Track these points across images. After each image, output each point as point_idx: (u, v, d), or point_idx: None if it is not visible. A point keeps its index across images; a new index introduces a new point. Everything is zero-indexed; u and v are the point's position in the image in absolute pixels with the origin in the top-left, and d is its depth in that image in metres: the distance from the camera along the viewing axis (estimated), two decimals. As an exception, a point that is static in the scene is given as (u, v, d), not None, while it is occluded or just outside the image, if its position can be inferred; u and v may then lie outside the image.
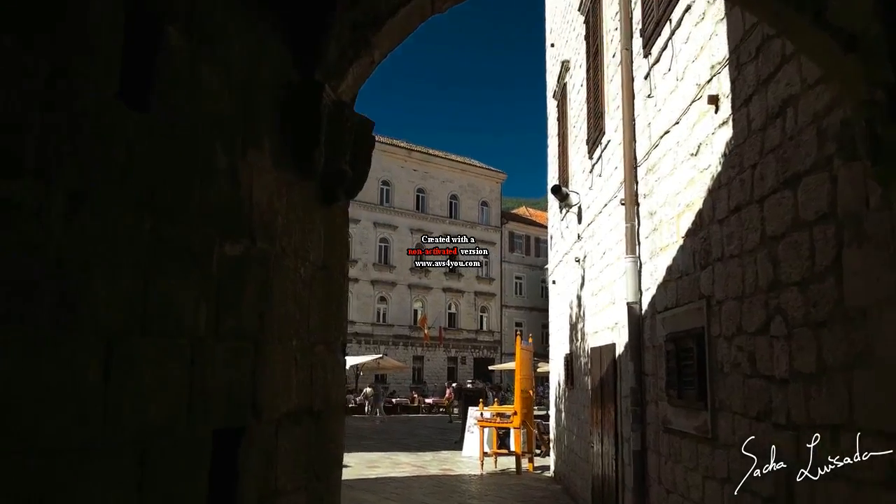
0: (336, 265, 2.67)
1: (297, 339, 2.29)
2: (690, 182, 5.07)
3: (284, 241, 2.24)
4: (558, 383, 12.19)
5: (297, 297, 2.32)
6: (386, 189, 46.47)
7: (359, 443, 18.66)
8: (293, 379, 2.26)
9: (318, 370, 2.43)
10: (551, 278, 13.44)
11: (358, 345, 42.90)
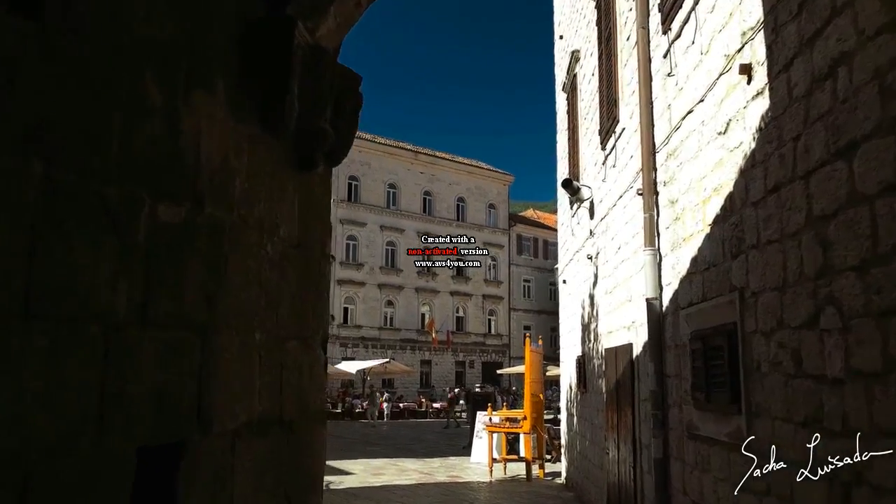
0: (314, 244, 2.23)
1: (261, 331, 1.86)
2: (718, 164, 4.61)
3: (245, 210, 1.81)
4: (570, 386, 11.71)
5: (263, 280, 1.89)
6: (392, 192, 46.11)
7: (364, 448, 18.21)
8: (256, 381, 1.82)
9: (290, 371, 1.99)
10: (561, 278, 12.97)
11: (365, 349, 42.52)
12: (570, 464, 11.93)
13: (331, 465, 14.54)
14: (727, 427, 4.32)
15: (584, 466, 10.36)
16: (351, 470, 13.76)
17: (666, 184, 5.89)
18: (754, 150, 4.00)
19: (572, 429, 11.60)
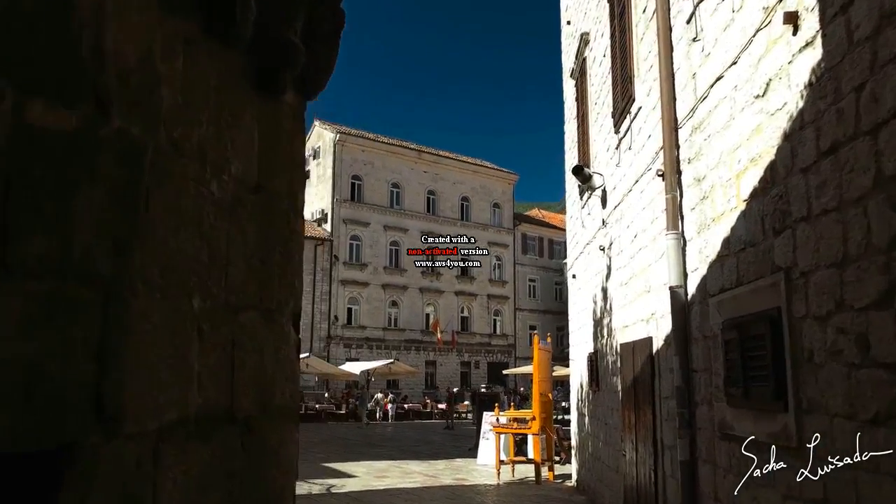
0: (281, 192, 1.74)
1: (203, 296, 1.37)
2: (755, 131, 4.11)
3: (179, 133, 1.33)
4: (581, 385, 11.21)
5: (206, 229, 1.40)
6: (396, 191, 45.61)
7: (368, 450, 17.72)
8: (194, 363, 1.33)
9: (246, 352, 1.49)
10: (570, 272, 12.46)
11: (369, 350, 42.04)
12: (582, 466, 11.42)
13: (333, 467, 14.08)
14: (771, 426, 3.81)
15: (598, 468, 9.85)
16: (353, 472, 13.27)
17: (691, 161, 5.39)
18: (802, 109, 3.50)
19: (584, 429, 11.09)
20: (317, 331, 40.60)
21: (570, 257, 12.63)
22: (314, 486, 11.42)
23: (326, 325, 40.95)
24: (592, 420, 10.30)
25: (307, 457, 15.84)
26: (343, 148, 43.51)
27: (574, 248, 12.30)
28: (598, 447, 9.82)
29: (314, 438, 21.86)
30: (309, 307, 40.31)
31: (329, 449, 18.22)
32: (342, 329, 41.61)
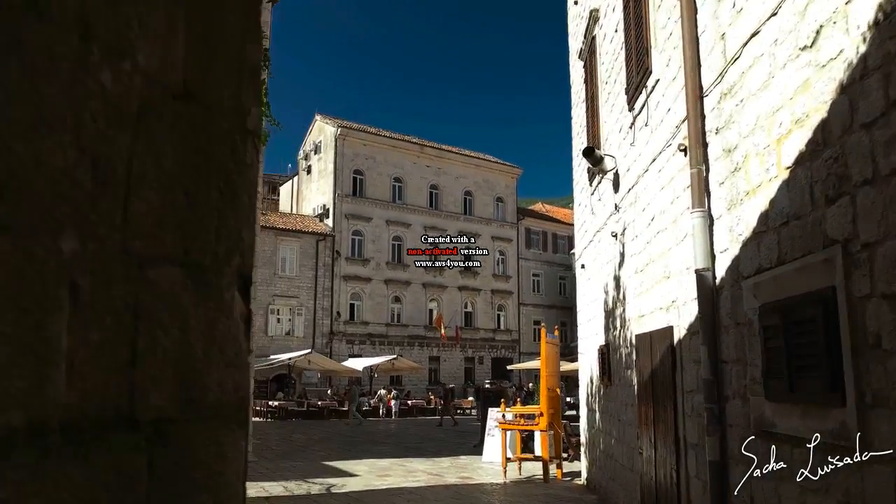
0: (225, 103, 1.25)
1: (80, 235, 0.89)
2: (802, 87, 3.62)
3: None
4: (590, 379, 10.74)
5: (90, 138, 0.92)
6: (398, 186, 45.16)
7: (370, 448, 17.28)
8: (58, 337, 0.85)
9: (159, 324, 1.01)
10: (578, 262, 11.98)
11: (372, 346, 41.64)
12: (592, 463, 10.95)
13: (333, 465, 13.65)
14: (824, 422, 3.33)
15: (610, 467, 9.38)
16: (355, 471, 12.83)
17: (719, 130, 4.90)
18: (865, 54, 3.00)
19: (594, 425, 10.62)
20: (319, 327, 40.21)
21: (577, 247, 12.15)
22: (313, 486, 10.99)
23: (329, 322, 40.56)
24: (604, 416, 9.83)
25: (307, 455, 15.39)
26: (344, 142, 43.05)
27: (582, 237, 11.81)
28: (610, 444, 9.35)
29: (315, 436, 21.44)
30: (311, 303, 39.94)
31: (330, 446, 17.78)
32: (344, 325, 41.22)
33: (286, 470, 12.75)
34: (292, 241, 39.88)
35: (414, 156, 45.96)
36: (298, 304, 39.63)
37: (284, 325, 39.35)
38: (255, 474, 12.02)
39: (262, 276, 38.28)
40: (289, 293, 39.26)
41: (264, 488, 10.63)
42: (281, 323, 39.29)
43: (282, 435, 21.42)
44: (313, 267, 40.44)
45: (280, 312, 39.24)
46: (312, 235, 40.61)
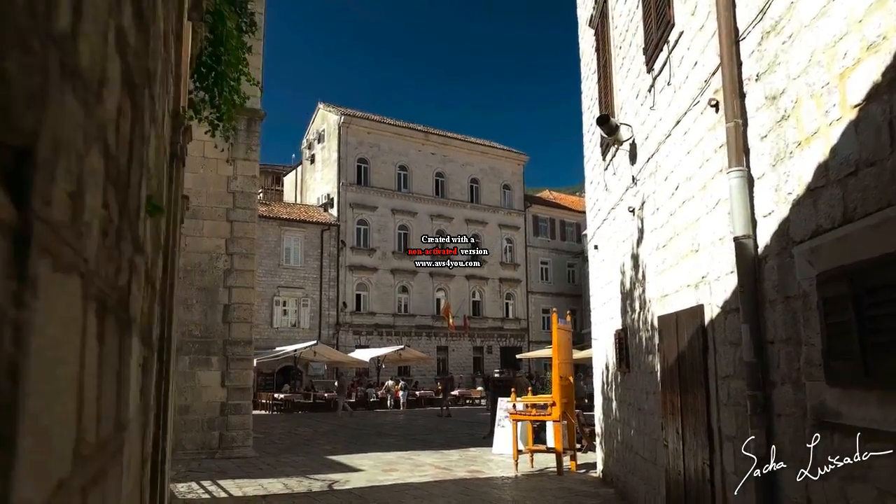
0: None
1: None
2: (878, 4, 2.97)
3: None
4: (606, 367, 10.12)
5: None
6: (403, 174, 44.52)
7: (376, 440, 16.75)
8: None
9: None
10: (591, 244, 11.33)
11: (379, 337, 41.14)
12: (609, 455, 10.35)
13: (338, 460, 13.12)
14: (913, 412, 2.70)
15: (629, 459, 8.78)
16: (359, 466, 12.27)
17: (760, 76, 4.25)
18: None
19: (611, 415, 10.01)
20: (325, 318, 39.71)
21: (590, 228, 11.50)
22: (315, 483, 10.43)
23: (335, 313, 40.05)
24: (621, 405, 9.22)
25: (311, 449, 14.86)
26: (348, 130, 42.42)
27: (595, 216, 11.16)
28: (628, 435, 8.74)
29: (321, 428, 20.94)
30: (317, 294, 39.44)
31: (336, 439, 17.27)
32: (351, 316, 40.71)
33: (287, 465, 12.22)
34: (297, 231, 39.34)
35: (419, 143, 45.28)
36: (304, 294, 39.14)
37: (290, 316, 38.87)
38: (254, 471, 11.50)
39: (266, 267, 37.80)
40: (294, 284, 38.76)
41: (262, 486, 10.09)
42: (287, 314, 38.80)
43: (286, 428, 20.94)
44: (318, 257, 39.91)
45: (285, 304, 38.75)
46: (317, 225, 40.06)
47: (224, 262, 13.95)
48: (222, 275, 13.89)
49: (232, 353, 13.83)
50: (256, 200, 14.39)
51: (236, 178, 14.21)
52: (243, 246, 14.23)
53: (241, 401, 13.64)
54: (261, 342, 37.52)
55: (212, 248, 13.91)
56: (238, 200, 14.28)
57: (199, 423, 13.08)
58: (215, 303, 13.71)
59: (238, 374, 13.71)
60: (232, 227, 14.17)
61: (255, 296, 14.10)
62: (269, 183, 53.95)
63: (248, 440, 13.63)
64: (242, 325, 13.97)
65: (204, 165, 13.83)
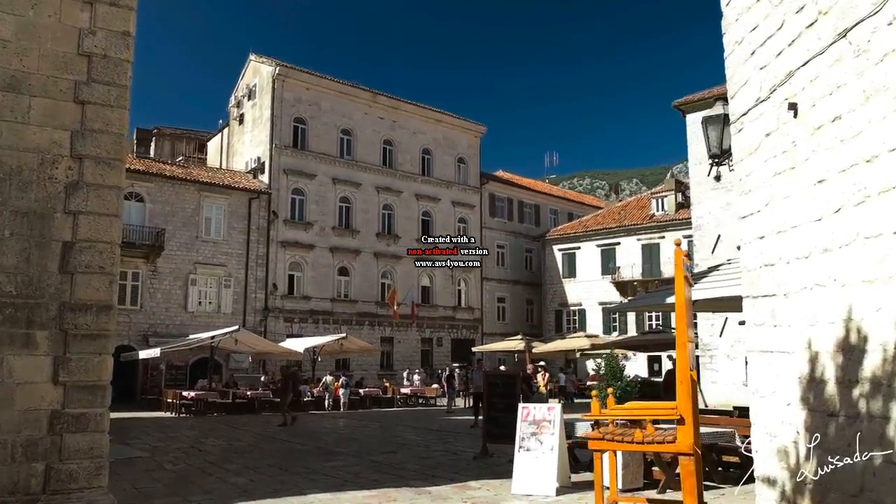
0: None
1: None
2: None
3: None
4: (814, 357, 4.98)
5: None
6: (347, 139, 38.85)
7: (320, 465, 11.24)
8: None
9: None
10: (745, 122, 6.14)
11: (315, 325, 35.43)
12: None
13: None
14: None
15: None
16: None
17: None
18: None
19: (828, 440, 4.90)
20: (251, 301, 33.71)
21: (738, 101, 6.35)
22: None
23: (263, 296, 34.10)
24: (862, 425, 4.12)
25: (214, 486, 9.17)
26: (284, 85, 36.43)
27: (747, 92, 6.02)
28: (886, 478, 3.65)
29: (240, 440, 15.25)
30: (242, 273, 33.45)
31: (258, 463, 11.69)
32: (282, 300, 34.82)
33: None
34: (219, 198, 33.18)
35: (365, 105, 39.65)
36: (226, 273, 33.02)
37: (210, 298, 32.72)
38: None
39: (181, 239, 31.63)
40: (214, 260, 32.61)
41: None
42: (205, 296, 32.61)
43: (191, 440, 15.17)
44: (245, 230, 33.88)
45: (204, 283, 32.56)
46: (244, 192, 33.99)
47: (66, 171, 8.26)
48: (62, 191, 8.20)
49: (75, 327, 8.11)
50: (128, 74, 8.73)
51: (95, 31, 8.52)
52: (103, 146, 8.49)
53: (88, 408, 7.92)
54: (172, 329, 31.24)
55: (44, 144, 8.21)
56: (96, 70, 8.55)
57: (5, 448, 7.39)
58: (46, 239, 8.02)
59: (85, 362, 7.98)
60: (83, 112, 8.43)
61: (119, 230, 8.44)
62: (191, 150, 47.24)
63: (100, 475, 7.93)
64: (97, 280, 8.24)
65: (35, 4, 8.17)
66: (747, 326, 5.85)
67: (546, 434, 8.54)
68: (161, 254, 30.56)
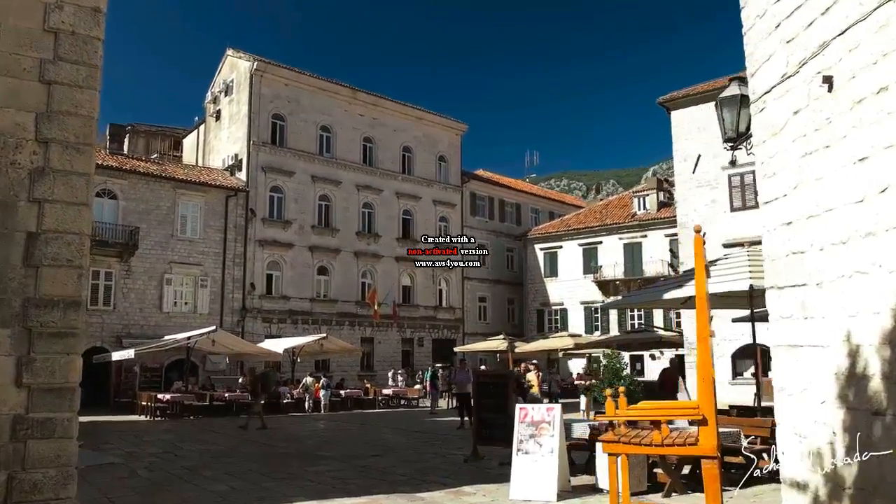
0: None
1: None
2: None
3: None
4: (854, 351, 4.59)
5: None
6: (326, 136, 38.16)
7: (303, 470, 10.70)
8: None
9: None
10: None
11: (294, 325, 34.73)
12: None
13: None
14: None
15: None
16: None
17: None
18: None
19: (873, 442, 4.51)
20: (228, 301, 32.93)
21: (757, 92, 5.95)
22: None
23: (241, 295, 33.33)
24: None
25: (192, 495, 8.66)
26: (262, 80, 35.68)
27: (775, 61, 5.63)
28: None
29: (217, 444, 14.64)
30: (219, 273, 32.67)
31: (238, 469, 11.12)
32: (260, 300, 34.07)
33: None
34: (196, 195, 32.35)
35: (345, 102, 39.01)
36: (202, 273, 32.20)
37: (186, 298, 31.88)
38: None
39: (155, 238, 30.78)
40: (190, 259, 31.78)
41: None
42: (180, 296, 31.77)
43: (167, 444, 14.52)
44: (222, 228, 33.09)
45: (179, 283, 31.71)
46: (221, 190, 33.19)
47: (30, 156, 7.70)
48: (26, 178, 7.63)
49: (40, 324, 7.52)
50: (99, 53, 8.18)
51: (62, 6, 7.94)
52: (71, 129, 7.91)
53: (55, 412, 7.33)
54: (147, 330, 30.34)
55: (6, 127, 7.62)
56: (64, 47, 7.99)
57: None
58: (9, 229, 7.44)
59: (52, 362, 7.40)
60: (50, 92, 7.85)
61: (89, 221, 7.88)
62: (166, 148, 46.20)
63: (68, 485, 7.34)
64: (64, 274, 7.66)
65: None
66: (771, 319, 5.44)
67: (545, 436, 8.10)
68: (135, 253, 29.69)
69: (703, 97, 26.42)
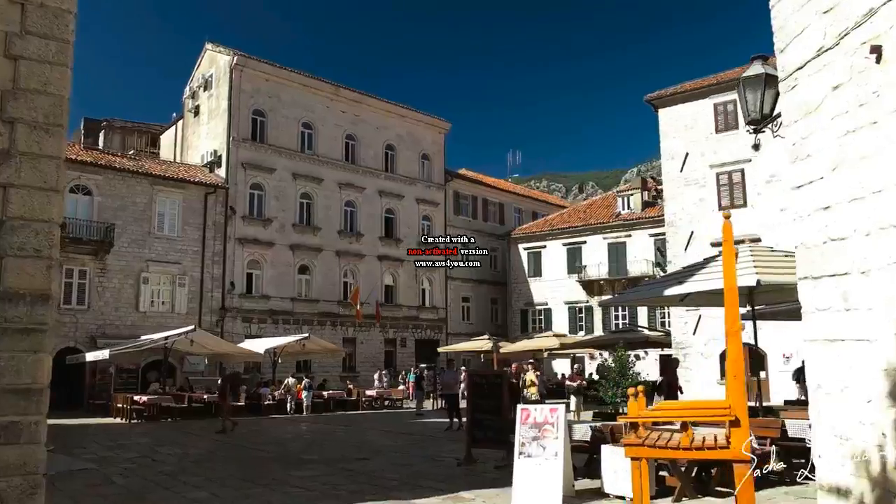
0: None
1: None
2: None
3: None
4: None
5: None
6: (308, 133, 37.47)
7: (287, 475, 10.15)
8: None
9: None
10: (803, 72, 5.33)
11: (274, 325, 34.03)
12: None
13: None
14: None
15: None
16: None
17: None
18: None
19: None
20: (207, 301, 32.14)
21: (786, 71, 5.54)
22: None
23: (220, 295, 32.56)
24: None
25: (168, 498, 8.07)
26: (242, 75, 34.94)
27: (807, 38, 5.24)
28: None
29: (195, 447, 14.02)
30: (197, 271, 31.88)
31: (218, 475, 10.55)
32: (240, 299, 33.31)
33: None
34: (174, 192, 31.52)
35: (327, 98, 38.36)
36: (181, 271, 31.39)
37: (163, 297, 31.04)
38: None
39: (132, 236, 29.93)
40: (168, 258, 30.95)
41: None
42: (158, 295, 30.93)
43: (143, 449, 13.86)
44: (200, 226, 32.29)
45: (156, 282, 30.86)
46: (200, 187, 32.40)
47: (-5, 136, 6.98)
48: (-10, 160, 6.90)
49: (4, 320, 6.86)
50: (70, 27, 7.54)
51: (30, -25, 7.26)
52: (40, 109, 7.27)
53: (21, 415, 6.70)
54: (123, 330, 29.44)
55: (-32, 104, 6.91)
56: (32, 20, 7.34)
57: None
58: (-30, 215, 6.72)
59: (17, 361, 6.77)
60: (16, 68, 7.21)
61: (60, 208, 7.23)
62: (143, 144, 45.15)
63: (35, 494, 6.73)
64: (31, 265, 7.02)
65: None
66: (806, 312, 5.04)
67: (549, 438, 7.66)
68: (110, 250, 28.82)
69: (691, 95, 26.21)
